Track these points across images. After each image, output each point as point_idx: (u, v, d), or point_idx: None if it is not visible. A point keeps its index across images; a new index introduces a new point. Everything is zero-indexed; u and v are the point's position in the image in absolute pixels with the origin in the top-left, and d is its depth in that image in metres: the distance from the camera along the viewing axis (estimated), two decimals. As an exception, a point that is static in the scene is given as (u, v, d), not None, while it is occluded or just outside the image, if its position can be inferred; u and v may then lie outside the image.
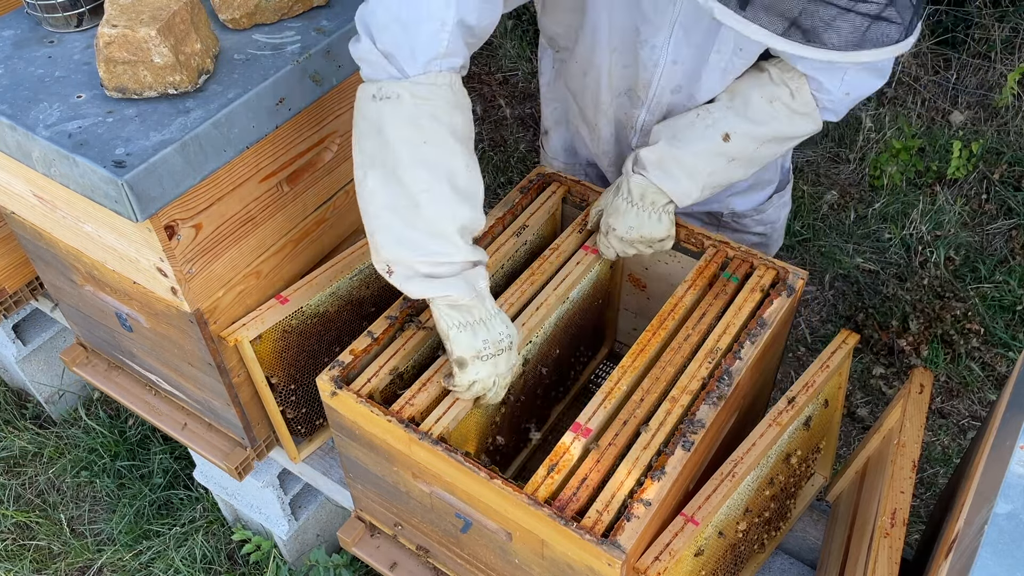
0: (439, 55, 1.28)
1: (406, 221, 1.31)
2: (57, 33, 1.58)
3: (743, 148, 1.56)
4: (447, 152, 1.31)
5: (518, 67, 3.93)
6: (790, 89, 1.52)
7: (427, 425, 1.41)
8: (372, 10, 1.29)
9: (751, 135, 1.55)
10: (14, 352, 2.67)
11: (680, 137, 1.56)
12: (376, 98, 1.29)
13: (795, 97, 1.53)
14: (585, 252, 1.67)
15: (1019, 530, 0.91)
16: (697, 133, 1.55)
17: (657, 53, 1.53)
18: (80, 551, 2.52)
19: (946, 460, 2.61)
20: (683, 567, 1.35)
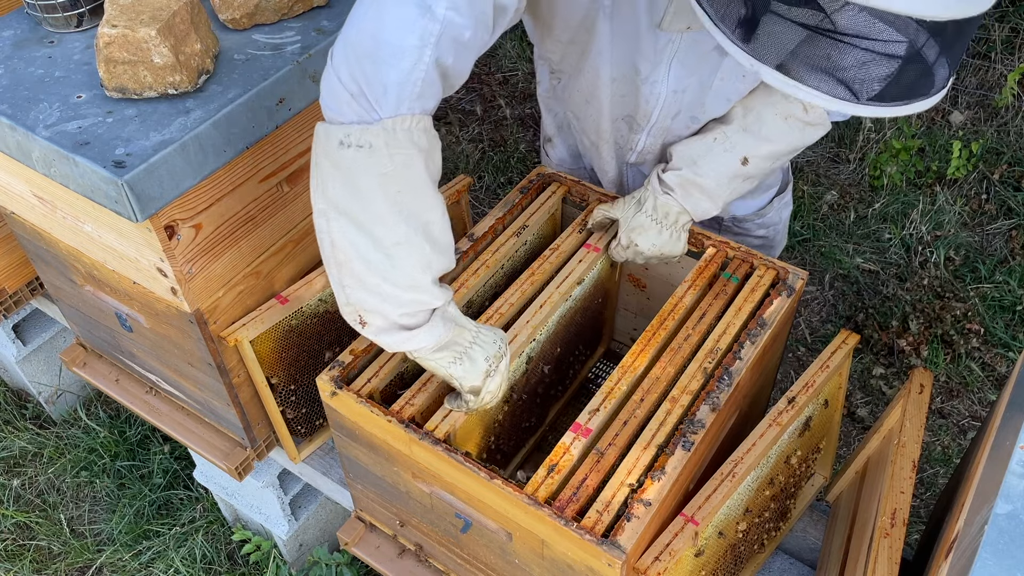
0: (413, 96, 1.17)
1: (380, 274, 1.24)
2: (57, 33, 1.58)
3: (760, 168, 1.59)
4: (423, 203, 1.23)
5: (518, 67, 3.93)
6: (803, 103, 1.52)
7: (432, 424, 1.41)
8: (343, 43, 1.18)
9: (768, 154, 1.58)
10: (14, 352, 2.67)
11: (700, 163, 1.58)
12: (345, 144, 1.18)
13: (808, 110, 1.53)
14: (587, 250, 1.67)
15: (1019, 530, 0.91)
16: (717, 159, 1.57)
17: (658, 88, 1.54)
18: (80, 551, 2.52)
19: (946, 460, 2.61)
20: (683, 567, 1.35)
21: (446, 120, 3.74)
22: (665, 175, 1.60)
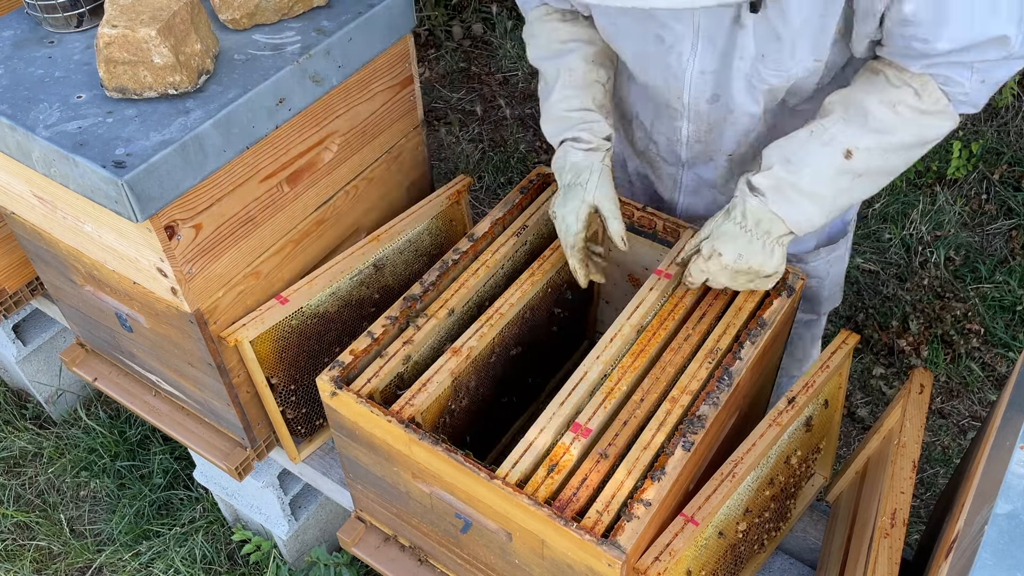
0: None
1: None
2: (57, 33, 1.58)
3: (869, 162, 1.40)
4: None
5: (518, 67, 3.93)
6: (914, 89, 1.36)
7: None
8: None
9: (878, 146, 1.39)
10: (14, 352, 2.67)
11: (794, 160, 1.41)
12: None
13: (921, 96, 1.37)
14: (658, 277, 1.59)
15: (1019, 530, 0.91)
16: (813, 153, 1.40)
17: (684, 61, 1.47)
18: (80, 551, 2.52)
19: (946, 460, 2.61)
20: (683, 567, 1.35)
21: (446, 120, 3.74)
22: (755, 177, 1.43)
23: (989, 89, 1.37)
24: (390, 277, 1.83)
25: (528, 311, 1.68)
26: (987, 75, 1.35)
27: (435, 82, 3.92)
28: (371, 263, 1.76)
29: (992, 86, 1.37)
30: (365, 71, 1.67)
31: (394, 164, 1.87)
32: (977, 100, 1.38)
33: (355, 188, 1.79)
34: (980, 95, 1.37)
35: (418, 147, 1.92)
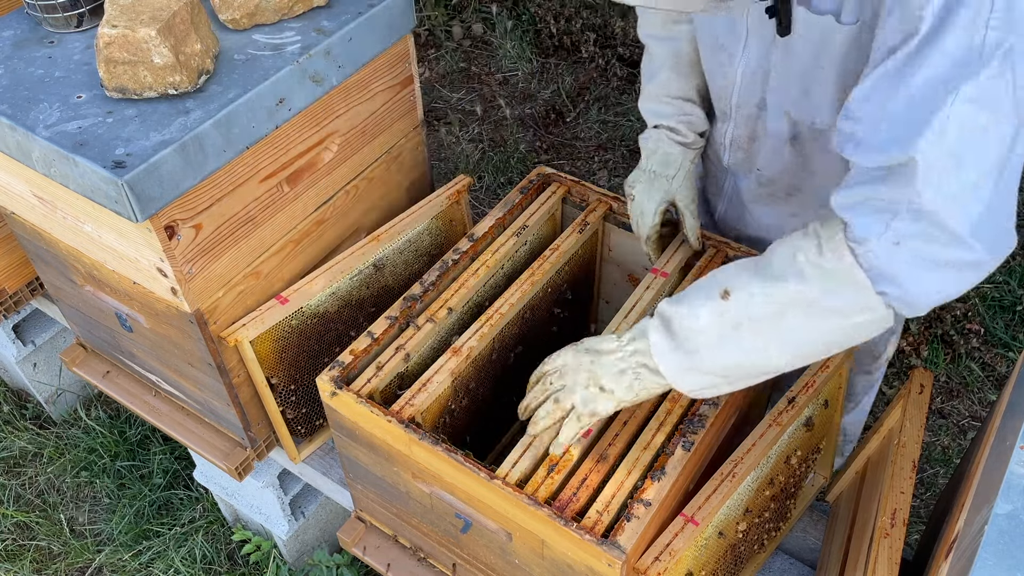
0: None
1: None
2: (57, 33, 1.58)
3: (750, 309, 1.19)
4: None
5: (518, 67, 3.93)
6: (819, 240, 1.14)
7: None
8: None
9: (762, 292, 1.18)
10: (14, 352, 2.67)
11: (681, 296, 1.27)
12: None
13: (823, 249, 1.13)
14: (654, 275, 1.61)
15: (1019, 530, 0.91)
16: (700, 288, 1.25)
17: (735, 61, 1.44)
18: (80, 551, 2.52)
19: (946, 460, 2.61)
20: (684, 567, 1.35)
21: (446, 120, 3.74)
22: (661, 304, 1.29)
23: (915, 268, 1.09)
24: (390, 277, 1.83)
25: (528, 311, 1.68)
26: (909, 241, 1.08)
27: (435, 82, 3.92)
28: (371, 263, 1.76)
29: (922, 267, 1.08)
30: (365, 71, 1.67)
31: (394, 164, 1.87)
32: (897, 275, 1.09)
33: (355, 188, 1.79)
34: (900, 270, 1.09)
35: (418, 147, 1.92)
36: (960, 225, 1.05)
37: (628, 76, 3.81)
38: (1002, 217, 1.07)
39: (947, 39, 1.01)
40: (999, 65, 1.00)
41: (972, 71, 1.00)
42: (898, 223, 1.07)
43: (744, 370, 1.23)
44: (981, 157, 1.03)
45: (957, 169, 1.03)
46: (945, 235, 1.05)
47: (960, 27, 1.00)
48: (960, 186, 1.04)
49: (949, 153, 1.03)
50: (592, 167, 3.50)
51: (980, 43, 1.00)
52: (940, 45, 1.01)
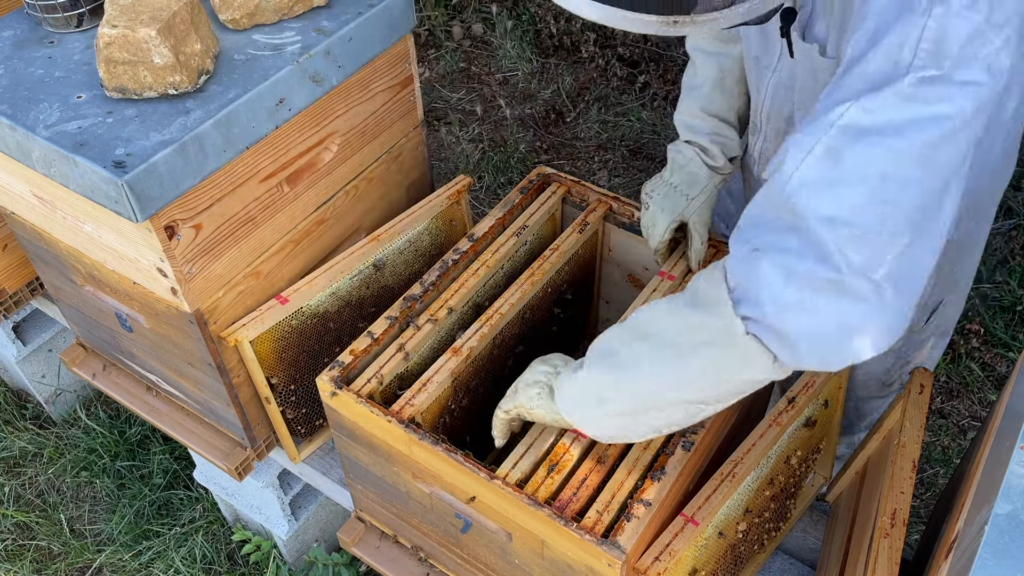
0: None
1: None
2: (57, 33, 1.58)
3: (636, 327, 1.21)
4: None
5: (518, 67, 3.93)
6: (705, 272, 1.14)
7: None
8: None
9: (647, 315, 1.20)
10: (14, 352, 2.67)
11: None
12: None
13: (700, 275, 1.14)
14: (661, 278, 1.62)
15: (1019, 530, 0.91)
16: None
17: (768, 74, 1.42)
18: (80, 551, 2.52)
19: (946, 460, 2.61)
20: (683, 567, 1.35)
21: (446, 120, 3.74)
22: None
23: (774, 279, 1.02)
24: (390, 277, 1.83)
25: (528, 311, 1.68)
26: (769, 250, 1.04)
27: (435, 82, 3.92)
28: (371, 263, 1.76)
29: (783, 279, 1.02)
30: (365, 71, 1.66)
31: (394, 164, 1.87)
32: (756, 289, 1.04)
33: (355, 188, 1.79)
34: (758, 282, 1.04)
35: (418, 147, 1.92)
36: (822, 230, 0.98)
37: (628, 76, 3.81)
38: (883, 244, 0.99)
39: (867, 59, 0.98)
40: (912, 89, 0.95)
41: (881, 86, 0.97)
42: (767, 233, 1.04)
43: (612, 393, 1.22)
44: (864, 167, 0.97)
45: (833, 168, 0.98)
46: (804, 241, 1.00)
47: (883, 49, 0.98)
48: (833, 187, 0.98)
49: (827, 150, 0.98)
50: (592, 167, 3.50)
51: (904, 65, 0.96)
52: (860, 66, 0.99)
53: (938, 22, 0.94)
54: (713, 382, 1.14)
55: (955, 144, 0.96)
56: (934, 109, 0.95)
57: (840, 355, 1.05)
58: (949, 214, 1.02)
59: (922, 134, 0.95)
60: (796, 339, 1.03)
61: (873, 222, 0.97)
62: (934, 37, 0.94)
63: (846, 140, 0.97)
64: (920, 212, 0.98)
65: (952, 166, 0.98)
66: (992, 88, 0.95)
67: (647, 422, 1.22)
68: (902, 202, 0.97)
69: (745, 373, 1.10)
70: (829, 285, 1.00)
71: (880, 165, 0.96)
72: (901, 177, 0.96)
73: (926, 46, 0.94)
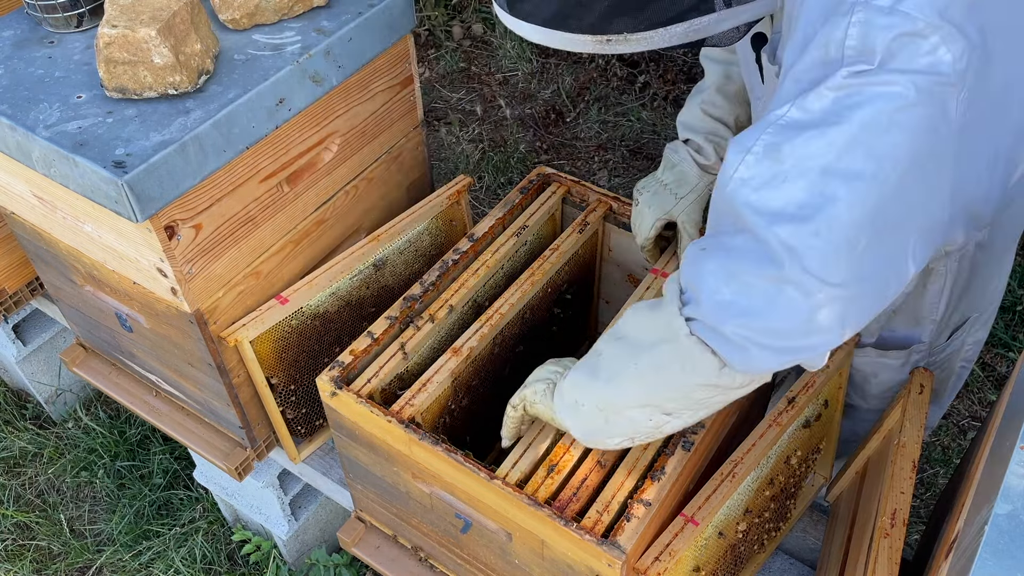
0: None
1: None
2: (57, 33, 1.58)
3: (613, 330, 1.24)
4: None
5: (518, 67, 3.93)
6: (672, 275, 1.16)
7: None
8: None
9: (623, 318, 1.23)
10: (14, 352, 2.67)
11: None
12: None
13: (666, 283, 1.15)
14: (655, 276, 1.62)
15: (1019, 530, 0.91)
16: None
17: (758, 106, 1.42)
18: (80, 551, 2.52)
19: (946, 460, 2.61)
20: (683, 567, 1.35)
21: (446, 120, 3.74)
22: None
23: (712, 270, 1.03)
24: (390, 277, 1.83)
25: (528, 311, 1.68)
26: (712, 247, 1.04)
27: (435, 82, 3.92)
28: (371, 263, 1.76)
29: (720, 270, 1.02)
30: (365, 71, 1.67)
31: (394, 164, 1.87)
32: (696, 282, 1.05)
33: (355, 188, 1.79)
34: (699, 275, 1.05)
35: (418, 147, 1.92)
36: (765, 226, 0.96)
37: (628, 76, 3.81)
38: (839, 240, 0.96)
39: (799, 65, 0.98)
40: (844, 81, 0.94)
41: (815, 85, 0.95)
42: (716, 235, 1.04)
43: (583, 395, 1.23)
44: (805, 160, 0.95)
45: (773, 163, 0.96)
46: (749, 240, 0.98)
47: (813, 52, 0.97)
48: (774, 182, 0.96)
49: (766, 147, 0.97)
50: (592, 167, 3.50)
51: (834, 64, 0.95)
52: (793, 72, 0.99)
53: (862, 20, 0.93)
54: (665, 384, 1.13)
55: (900, 130, 0.93)
56: (868, 94, 0.93)
57: (779, 358, 1.04)
58: (921, 213, 1.00)
59: (860, 119, 0.93)
60: (735, 339, 1.02)
61: (819, 217, 0.94)
62: (859, 34, 0.93)
63: (785, 136, 0.96)
64: (876, 209, 0.95)
65: (905, 156, 0.94)
66: (937, 81, 0.93)
67: (618, 426, 1.22)
68: (851, 197, 0.94)
69: (693, 376, 1.09)
70: (770, 283, 0.98)
71: (820, 158, 0.94)
72: (845, 169, 0.94)
73: (852, 43, 0.93)
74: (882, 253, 0.99)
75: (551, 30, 1.00)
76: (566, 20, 0.99)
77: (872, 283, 1.01)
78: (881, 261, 0.99)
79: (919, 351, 1.53)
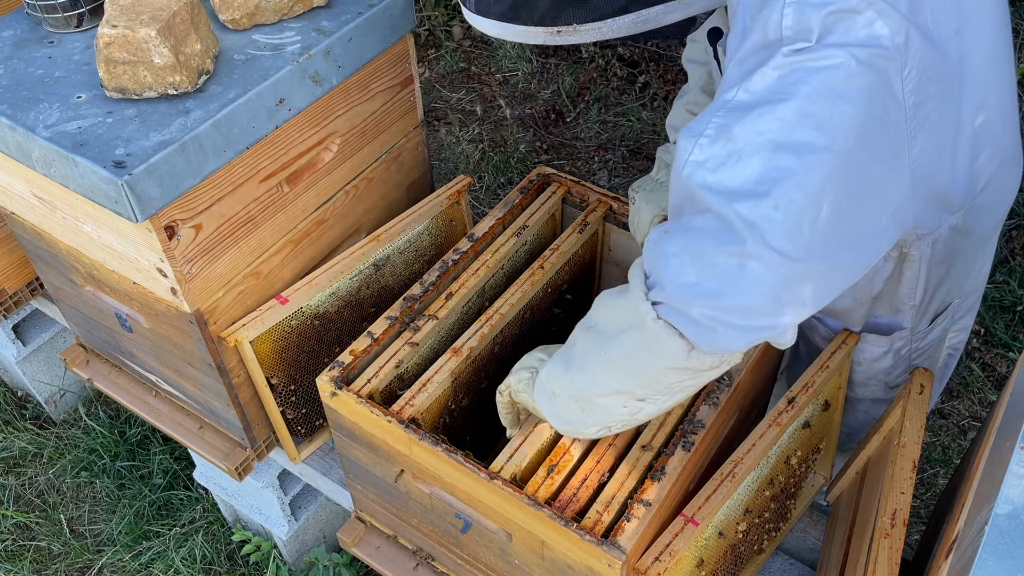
0: None
1: None
2: (57, 33, 1.58)
3: (585, 320, 1.25)
4: None
5: (518, 67, 3.93)
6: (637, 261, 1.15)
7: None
8: None
9: (594, 307, 1.23)
10: (14, 352, 2.67)
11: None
12: None
13: (631, 269, 1.15)
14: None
15: (1019, 530, 0.90)
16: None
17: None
18: (80, 552, 2.52)
19: (946, 461, 2.61)
20: (683, 567, 1.35)
21: (446, 120, 3.74)
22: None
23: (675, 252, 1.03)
24: (390, 277, 1.83)
25: (528, 311, 1.68)
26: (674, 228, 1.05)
27: (435, 82, 3.92)
28: (371, 263, 1.76)
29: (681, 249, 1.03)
30: (365, 71, 1.67)
31: (394, 164, 1.87)
32: (658, 265, 1.06)
33: (355, 188, 1.79)
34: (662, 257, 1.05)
35: (418, 147, 1.92)
36: (723, 205, 0.97)
37: (628, 76, 3.81)
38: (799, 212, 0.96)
39: (740, 52, 1.01)
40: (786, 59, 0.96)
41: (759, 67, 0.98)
42: (678, 218, 1.04)
43: (558, 386, 1.25)
44: (756, 137, 0.96)
45: (726, 144, 0.97)
46: (710, 220, 0.99)
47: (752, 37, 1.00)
48: (729, 162, 0.97)
49: (718, 129, 0.98)
50: (592, 167, 3.50)
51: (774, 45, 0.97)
52: (736, 59, 1.01)
53: (796, 1, 0.96)
54: (634, 370, 1.14)
55: (844, 100, 0.95)
56: (811, 67, 0.95)
57: (747, 336, 1.05)
58: (881, 187, 1.01)
59: (805, 92, 0.95)
60: (702, 320, 1.03)
61: (776, 191, 0.95)
62: (794, 13, 0.96)
63: (734, 117, 0.97)
64: (832, 179, 0.96)
65: (853, 126, 0.96)
66: (877, 53, 0.95)
67: (593, 415, 1.23)
68: (805, 169, 0.95)
69: (661, 360, 1.10)
70: (733, 259, 0.99)
71: (771, 134, 0.95)
72: (796, 142, 0.95)
73: (788, 22, 0.96)
74: (847, 226, 1.00)
75: (506, 23, 1.06)
76: (518, 13, 1.05)
77: (838, 257, 1.02)
78: (846, 234, 1.01)
79: (901, 337, 1.55)
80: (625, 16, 1.00)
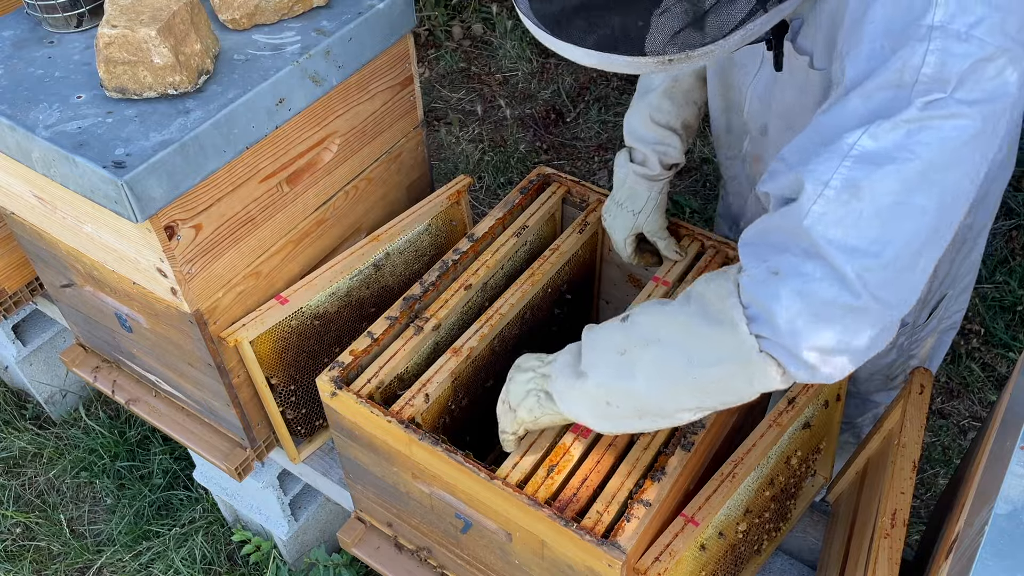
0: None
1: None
2: (57, 33, 1.58)
3: (633, 331, 1.22)
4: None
5: (518, 67, 3.93)
6: (714, 283, 1.15)
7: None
8: None
9: (648, 316, 1.22)
10: (14, 352, 2.67)
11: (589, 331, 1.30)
12: None
13: (708, 286, 1.15)
14: (656, 284, 1.63)
15: (1019, 531, 0.90)
16: (610, 320, 1.29)
17: (748, 81, 1.43)
18: (80, 552, 2.52)
19: (946, 461, 2.61)
20: (684, 567, 1.35)
21: (446, 120, 3.74)
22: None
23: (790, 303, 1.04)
24: (390, 277, 1.83)
25: (528, 311, 1.68)
26: (788, 274, 1.05)
27: (435, 82, 3.92)
28: (371, 263, 1.76)
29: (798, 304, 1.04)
30: (365, 71, 1.67)
31: (394, 164, 1.87)
32: (770, 308, 1.06)
33: (355, 188, 1.79)
34: (774, 303, 1.05)
35: (418, 147, 1.92)
36: (843, 261, 1.01)
37: (628, 76, 3.81)
38: (902, 268, 1.02)
39: (869, 83, 1.00)
40: (919, 113, 0.97)
41: (889, 113, 0.98)
42: (784, 256, 1.05)
43: (619, 399, 1.22)
44: (881, 197, 0.99)
45: (851, 200, 0.99)
46: (824, 269, 1.02)
47: (885, 74, 0.99)
48: (852, 219, 1.00)
49: (845, 182, 0.99)
50: (592, 167, 3.50)
51: (907, 89, 0.98)
52: (861, 89, 1.01)
53: (940, 48, 0.96)
54: (727, 391, 1.16)
55: (966, 163, 1.00)
56: (939, 124, 0.97)
57: (844, 370, 1.09)
58: (956, 225, 1.06)
59: (929, 156, 0.98)
60: (809, 360, 1.07)
61: (888, 251, 1.00)
62: (936, 62, 0.96)
63: (862, 172, 0.99)
64: (935, 232, 1.03)
65: (964, 184, 1.02)
66: (1000, 104, 0.98)
67: (654, 422, 1.25)
68: (918, 228, 1.01)
69: (756, 385, 1.13)
70: (846, 311, 1.03)
71: (894, 196, 0.99)
72: (914, 206, 1.00)
73: (929, 71, 0.96)
74: (927, 265, 1.06)
75: (606, 54, 0.98)
76: (617, 44, 0.97)
77: (917, 295, 1.08)
78: (925, 273, 1.07)
79: (903, 333, 1.61)
80: (734, 34, 0.97)
